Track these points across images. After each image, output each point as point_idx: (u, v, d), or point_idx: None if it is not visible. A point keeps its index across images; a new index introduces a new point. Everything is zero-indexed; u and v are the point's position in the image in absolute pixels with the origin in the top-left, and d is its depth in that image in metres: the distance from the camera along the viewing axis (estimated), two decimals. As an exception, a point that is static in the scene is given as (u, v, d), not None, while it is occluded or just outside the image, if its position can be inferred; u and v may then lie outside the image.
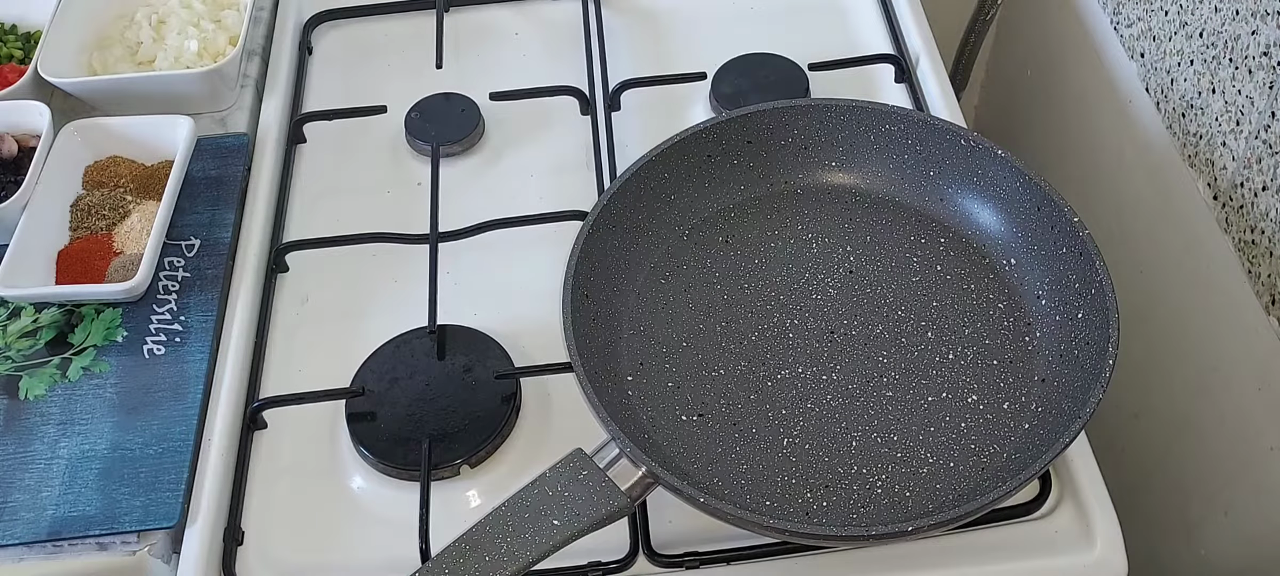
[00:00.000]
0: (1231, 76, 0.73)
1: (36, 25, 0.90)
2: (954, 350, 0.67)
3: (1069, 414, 0.59)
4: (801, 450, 0.63)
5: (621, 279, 0.70)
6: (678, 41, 0.93)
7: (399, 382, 0.69)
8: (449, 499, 0.66)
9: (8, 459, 0.68)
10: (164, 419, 0.69)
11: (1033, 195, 0.68)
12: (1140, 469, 0.92)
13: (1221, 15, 0.74)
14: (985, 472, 0.62)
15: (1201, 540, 0.85)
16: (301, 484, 0.68)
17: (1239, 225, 0.74)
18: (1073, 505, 0.64)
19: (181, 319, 0.75)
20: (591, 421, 0.59)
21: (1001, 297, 0.69)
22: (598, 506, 0.56)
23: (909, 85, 0.87)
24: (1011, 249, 0.70)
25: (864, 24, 0.93)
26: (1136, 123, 0.88)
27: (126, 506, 0.66)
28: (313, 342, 0.75)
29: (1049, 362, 0.65)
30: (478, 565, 0.53)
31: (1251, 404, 0.75)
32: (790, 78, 0.85)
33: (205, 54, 0.86)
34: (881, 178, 0.74)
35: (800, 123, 0.74)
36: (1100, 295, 0.62)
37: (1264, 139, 0.70)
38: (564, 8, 0.95)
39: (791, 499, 0.61)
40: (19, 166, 0.79)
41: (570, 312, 0.62)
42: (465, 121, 0.85)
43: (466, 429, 0.67)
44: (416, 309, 0.72)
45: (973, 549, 0.63)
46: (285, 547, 0.65)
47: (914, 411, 0.64)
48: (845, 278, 0.71)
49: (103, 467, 0.67)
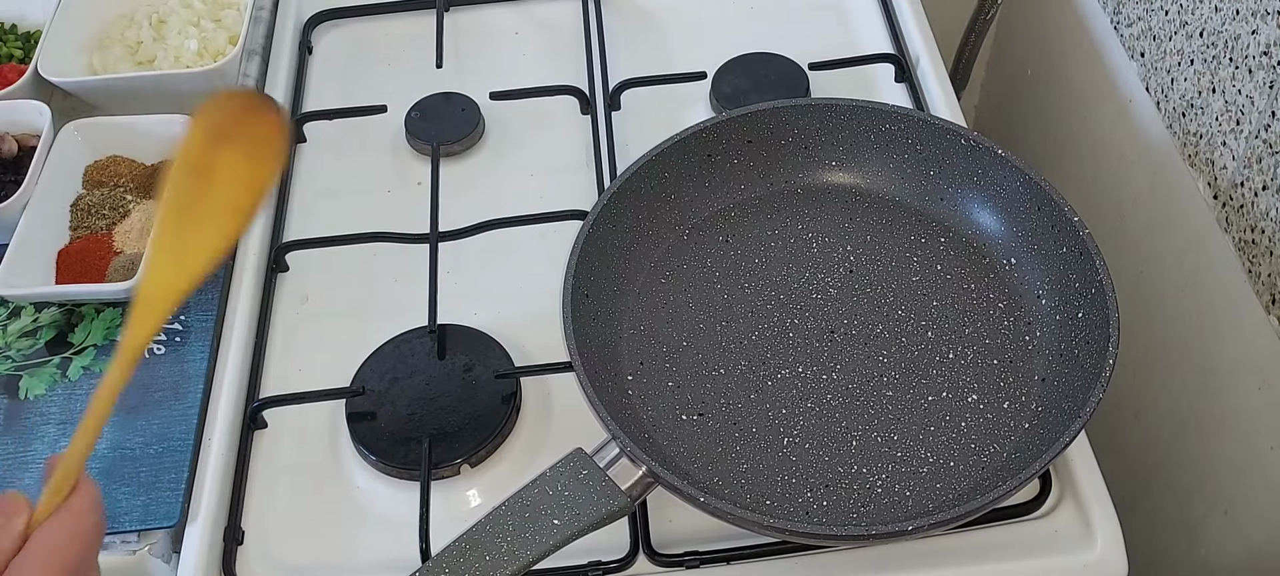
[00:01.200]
0: (1232, 76, 0.73)
1: (36, 25, 0.90)
2: (954, 349, 0.67)
3: (1069, 413, 0.59)
4: (801, 449, 0.63)
5: (622, 278, 0.70)
6: (678, 41, 0.93)
7: (399, 382, 0.69)
8: (449, 498, 0.66)
9: (8, 458, 0.68)
10: (164, 418, 0.69)
11: (1033, 195, 0.68)
12: (1140, 468, 0.92)
13: (1222, 15, 0.74)
14: (985, 472, 0.62)
15: (1202, 540, 0.85)
16: (301, 483, 0.68)
17: (1239, 225, 0.74)
18: (1073, 505, 0.64)
19: (181, 318, 0.75)
20: (592, 421, 0.59)
21: (1002, 297, 0.69)
22: (598, 506, 0.56)
23: (909, 85, 0.87)
24: (1012, 248, 0.70)
25: (864, 23, 0.93)
26: (1137, 122, 0.88)
27: (127, 506, 0.66)
28: (313, 342, 0.75)
29: (1049, 362, 0.65)
30: (478, 564, 0.53)
31: (1252, 403, 0.75)
32: (790, 77, 0.85)
33: (205, 53, 0.86)
34: (882, 177, 0.74)
35: (800, 122, 0.73)
36: (1100, 295, 0.62)
37: (1264, 138, 0.70)
38: (564, 7, 0.95)
39: (791, 498, 0.61)
40: (19, 166, 0.79)
41: (570, 312, 0.62)
42: (465, 121, 0.85)
43: (467, 428, 0.67)
44: (416, 308, 0.72)
45: (973, 548, 0.63)
46: (285, 547, 0.65)
47: (914, 411, 0.64)
48: (845, 277, 0.71)
49: (103, 467, 0.67)
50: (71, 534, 0.39)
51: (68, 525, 0.40)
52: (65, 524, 0.40)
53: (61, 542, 0.39)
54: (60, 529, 0.39)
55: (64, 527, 0.39)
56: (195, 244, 0.46)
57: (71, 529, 0.39)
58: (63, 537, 0.39)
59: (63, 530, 0.39)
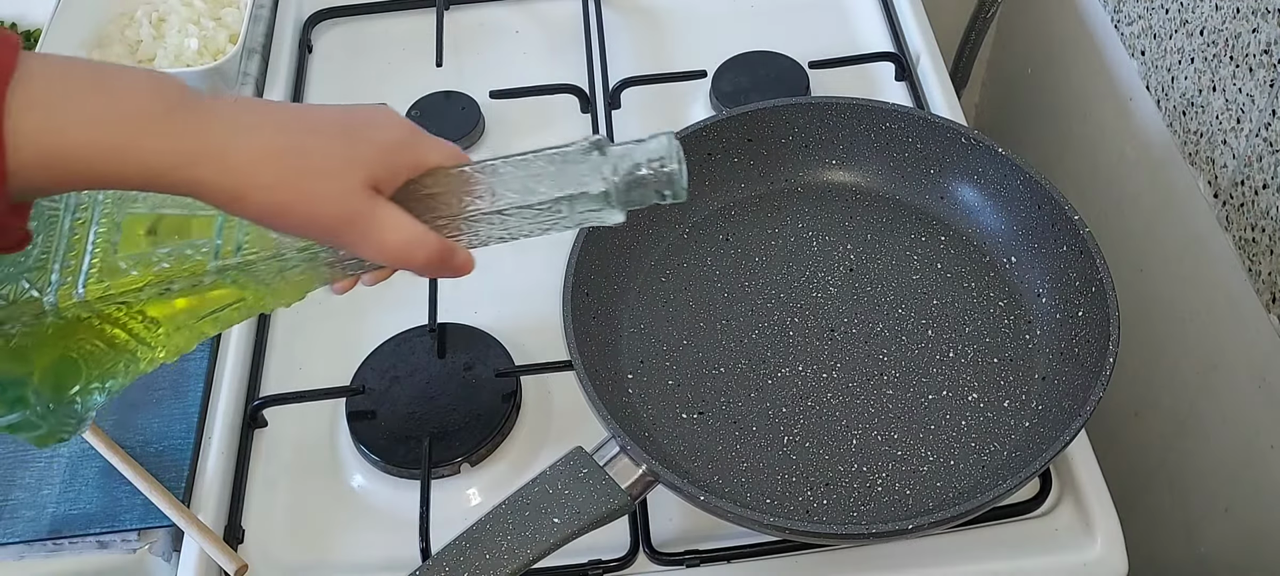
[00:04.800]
0: (1232, 74, 0.73)
1: (36, 24, 0.90)
2: (954, 348, 0.67)
3: (1069, 412, 0.59)
4: (802, 448, 0.63)
5: (622, 277, 0.70)
6: (678, 39, 0.93)
7: (399, 381, 0.69)
8: (449, 497, 0.66)
9: (8, 457, 0.68)
10: (164, 417, 0.69)
11: (1033, 193, 0.68)
12: (1141, 467, 0.92)
13: (1222, 13, 0.73)
14: (985, 470, 0.62)
15: (1202, 538, 0.85)
16: (302, 482, 0.68)
17: (1239, 223, 0.74)
18: (1073, 503, 0.64)
19: (182, 317, 0.74)
20: (592, 419, 0.59)
21: (1002, 295, 0.69)
22: (598, 504, 0.56)
23: (909, 83, 0.86)
24: (1012, 247, 0.70)
25: (864, 22, 0.93)
26: (1137, 121, 0.88)
27: (127, 504, 0.66)
28: (313, 341, 0.75)
29: (1049, 360, 0.65)
30: (478, 563, 0.53)
31: (1252, 402, 0.75)
32: (790, 76, 0.85)
33: (205, 52, 0.86)
34: (882, 175, 0.74)
35: (800, 121, 0.73)
36: (1101, 293, 0.62)
37: (1264, 137, 0.70)
38: (564, 6, 0.95)
39: (792, 497, 0.61)
40: (19, 164, 0.79)
41: (570, 311, 0.62)
42: (465, 119, 0.85)
43: (467, 427, 0.67)
44: (417, 307, 0.72)
45: (973, 547, 0.63)
46: (285, 546, 0.65)
47: (914, 409, 0.64)
48: (846, 275, 0.71)
49: (104, 465, 0.67)
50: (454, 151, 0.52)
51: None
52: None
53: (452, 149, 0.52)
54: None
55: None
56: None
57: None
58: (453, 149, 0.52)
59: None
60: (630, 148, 0.51)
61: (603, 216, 0.52)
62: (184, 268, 0.50)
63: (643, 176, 0.51)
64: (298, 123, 0.47)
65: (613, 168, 0.51)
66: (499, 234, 0.52)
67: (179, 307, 0.52)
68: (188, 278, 0.50)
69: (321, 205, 0.46)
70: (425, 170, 0.50)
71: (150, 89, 0.44)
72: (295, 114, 0.48)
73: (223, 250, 0.50)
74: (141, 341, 0.52)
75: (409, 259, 0.49)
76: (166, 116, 0.43)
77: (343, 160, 0.47)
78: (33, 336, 0.50)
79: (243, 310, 0.53)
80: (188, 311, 0.52)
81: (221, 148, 0.44)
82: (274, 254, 0.50)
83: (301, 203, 0.46)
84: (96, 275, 0.49)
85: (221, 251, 0.50)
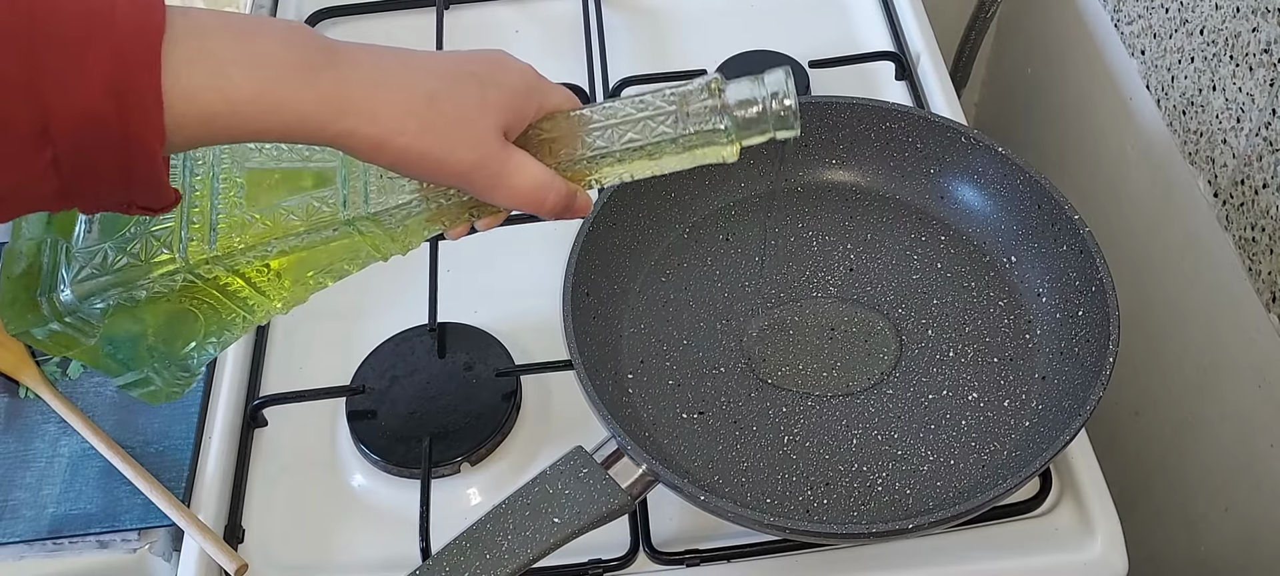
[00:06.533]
0: (1232, 73, 0.73)
1: (36, 23, 0.90)
2: (954, 347, 0.67)
3: (1069, 411, 0.59)
4: (802, 448, 0.63)
5: (622, 276, 0.70)
6: (678, 38, 0.93)
7: (399, 380, 0.69)
8: (449, 496, 0.66)
9: (9, 457, 0.68)
10: (164, 417, 0.69)
11: (1033, 192, 0.68)
12: (1141, 466, 0.92)
13: (1222, 12, 0.73)
14: (985, 470, 0.62)
15: (1202, 537, 0.85)
16: (302, 481, 0.68)
17: (1239, 222, 0.74)
18: (1073, 502, 0.64)
19: (182, 317, 0.74)
20: (592, 419, 0.59)
21: (1002, 295, 0.69)
22: (598, 504, 0.56)
23: (909, 83, 0.86)
24: (1012, 246, 0.70)
25: (864, 21, 0.93)
26: (1137, 120, 0.88)
27: (127, 504, 0.66)
28: (313, 340, 0.75)
29: (1049, 360, 0.65)
30: (478, 562, 0.53)
31: (1252, 401, 0.75)
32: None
33: (205, 51, 0.86)
34: (882, 175, 0.74)
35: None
36: (1100, 292, 0.62)
37: (1264, 136, 0.70)
38: (564, 5, 0.95)
39: (792, 496, 0.61)
40: (19, 164, 0.79)
41: (570, 310, 0.62)
42: (465, 119, 0.85)
43: (467, 426, 0.67)
44: (417, 306, 0.72)
45: (973, 546, 0.63)
46: (285, 545, 0.65)
47: (914, 409, 0.64)
48: (846, 276, 0.71)
49: (104, 465, 0.67)
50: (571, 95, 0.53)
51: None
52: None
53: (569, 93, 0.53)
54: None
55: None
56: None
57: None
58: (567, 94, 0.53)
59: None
60: (747, 83, 0.52)
61: (720, 154, 0.52)
62: (314, 218, 0.50)
63: (761, 112, 0.51)
64: (433, 70, 0.47)
65: (731, 105, 0.51)
66: (617, 174, 0.52)
67: (301, 258, 0.52)
68: (317, 228, 0.50)
69: (458, 151, 0.47)
70: (545, 114, 0.51)
71: (293, 39, 0.44)
72: (428, 62, 0.48)
73: (350, 199, 0.50)
74: (262, 292, 0.53)
75: (540, 203, 0.49)
76: (314, 68, 0.43)
77: (477, 106, 0.47)
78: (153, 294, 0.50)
79: (360, 261, 0.53)
80: (308, 261, 0.53)
81: (368, 98, 0.44)
82: (400, 202, 0.50)
83: (440, 149, 0.46)
84: (226, 229, 0.50)
85: (349, 200, 0.50)
